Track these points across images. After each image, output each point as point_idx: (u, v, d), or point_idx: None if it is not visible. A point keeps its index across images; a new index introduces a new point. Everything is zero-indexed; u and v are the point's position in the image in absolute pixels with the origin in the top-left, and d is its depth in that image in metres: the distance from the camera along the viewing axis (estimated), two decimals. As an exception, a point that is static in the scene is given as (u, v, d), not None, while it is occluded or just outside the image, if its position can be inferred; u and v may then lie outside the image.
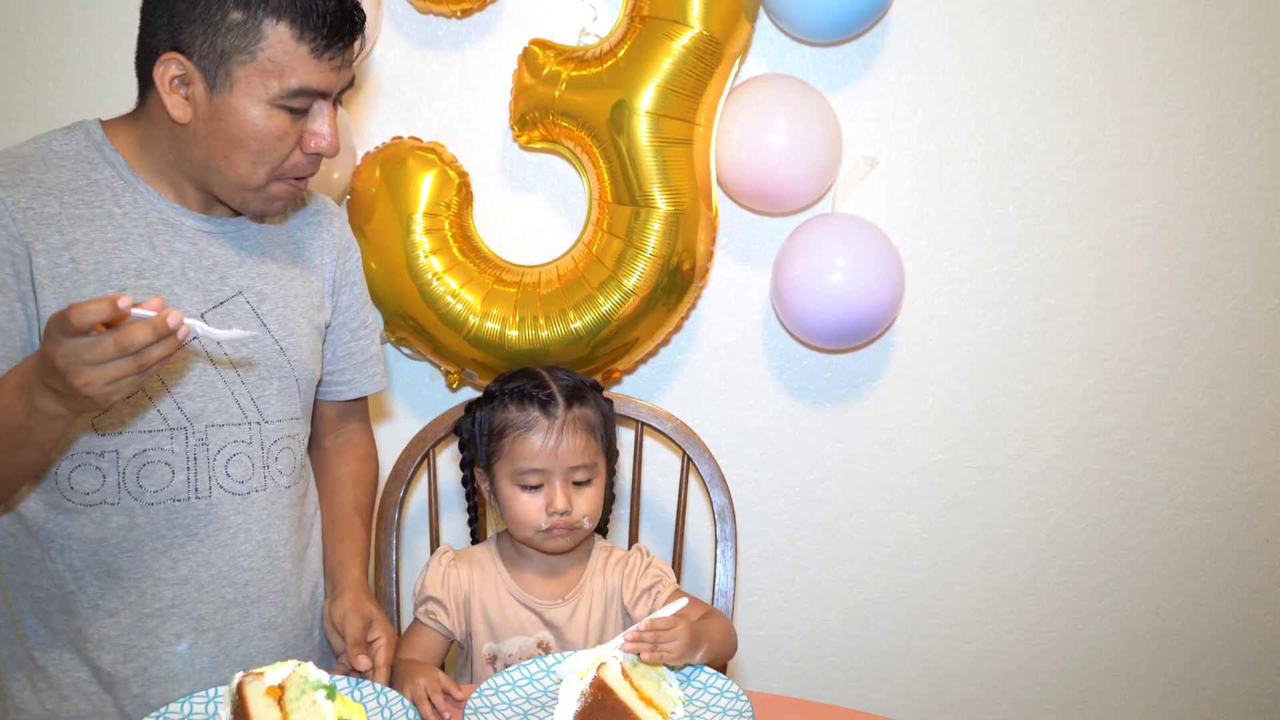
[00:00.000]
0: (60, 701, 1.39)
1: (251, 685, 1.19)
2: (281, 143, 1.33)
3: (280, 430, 1.47)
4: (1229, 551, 2.27)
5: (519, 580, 1.62)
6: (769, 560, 2.20)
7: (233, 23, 1.27)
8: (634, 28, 1.82)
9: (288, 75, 1.29)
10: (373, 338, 1.65)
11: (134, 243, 1.36)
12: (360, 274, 1.63)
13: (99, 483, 1.35)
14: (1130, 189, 2.11)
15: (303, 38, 1.29)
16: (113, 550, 1.37)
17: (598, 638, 1.61)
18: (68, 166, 1.35)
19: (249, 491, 1.43)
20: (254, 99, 1.30)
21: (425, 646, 1.58)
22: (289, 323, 1.47)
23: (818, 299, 1.92)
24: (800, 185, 1.94)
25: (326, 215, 1.59)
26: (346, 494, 1.62)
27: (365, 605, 1.46)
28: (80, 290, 1.31)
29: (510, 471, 1.58)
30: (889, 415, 2.16)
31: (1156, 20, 2.06)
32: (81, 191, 1.34)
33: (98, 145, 1.37)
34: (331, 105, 1.36)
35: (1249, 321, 2.18)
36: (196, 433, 1.39)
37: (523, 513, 1.57)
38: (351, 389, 1.64)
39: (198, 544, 1.40)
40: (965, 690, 2.28)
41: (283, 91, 1.30)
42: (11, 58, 1.94)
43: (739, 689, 1.36)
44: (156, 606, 1.39)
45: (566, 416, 1.58)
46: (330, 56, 1.31)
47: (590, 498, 1.59)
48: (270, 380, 1.45)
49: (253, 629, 1.45)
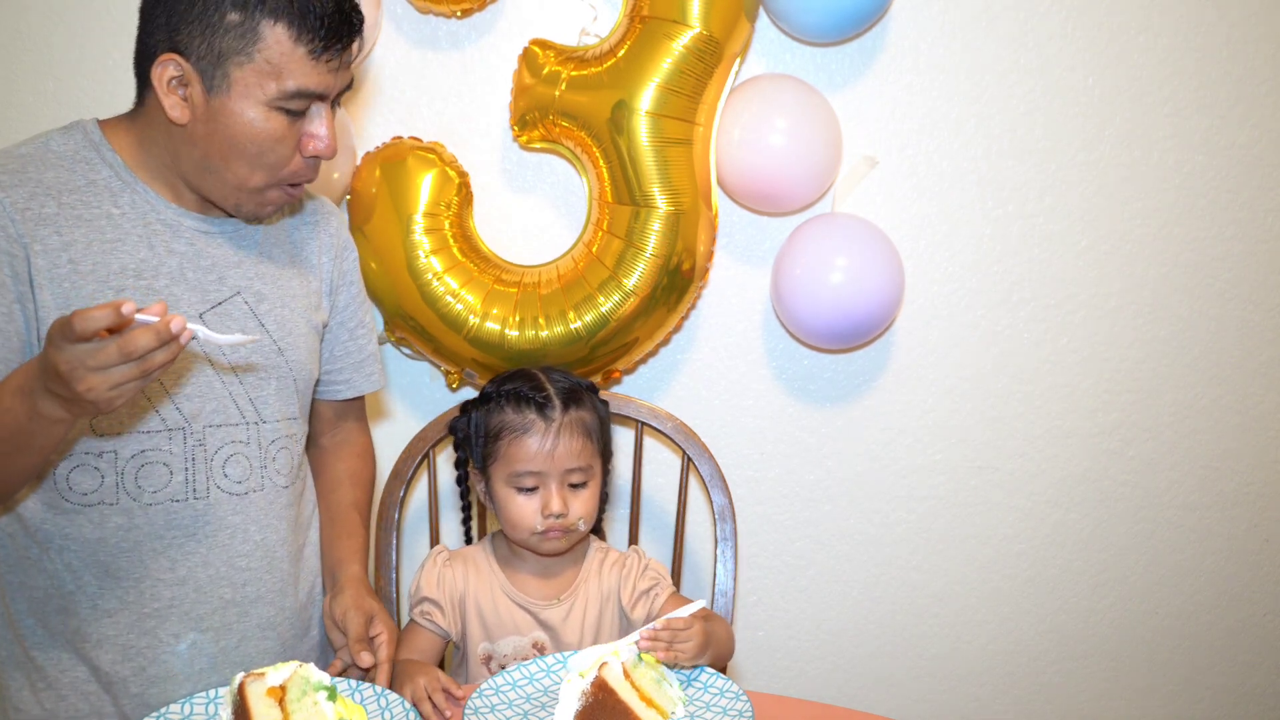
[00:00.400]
0: (58, 701, 1.39)
1: (253, 686, 1.19)
2: (279, 145, 1.32)
3: (278, 430, 1.47)
4: (1229, 551, 2.27)
5: (514, 580, 1.62)
6: (769, 560, 2.20)
7: (230, 24, 1.27)
8: (634, 28, 1.82)
9: (285, 77, 1.29)
10: (370, 337, 1.65)
11: (132, 243, 1.35)
12: (358, 274, 1.63)
13: (97, 483, 1.35)
14: (1130, 189, 2.11)
15: (300, 39, 1.28)
16: (111, 550, 1.37)
17: (593, 639, 1.61)
18: (65, 167, 1.35)
19: (247, 492, 1.43)
20: (251, 101, 1.29)
21: (422, 647, 1.58)
22: (287, 323, 1.47)
23: (818, 299, 1.92)
24: (800, 185, 1.94)
25: (324, 215, 1.58)
26: (344, 491, 1.62)
27: (366, 601, 1.46)
28: (79, 290, 1.31)
29: (506, 473, 1.58)
30: (889, 415, 2.16)
31: (1156, 20, 2.06)
32: (79, 192, 1.34)
33: (95, 145, 1.37)
34: (330, 107, 1.35)
35: (1249, 321, 2.18)
36: (194, 433, 1.39)
37: (518, 515, 1.57)
38: (349, 388, 1.64)
39: (196, 544, 1.40)
40: (965, 690, 2.29)
41: (280, 93, 1.29)
42: (11, 58, 1.94)
43: (739, 689, 1.36)
44: (155, 606, 1.39)
45: (563, 419, 1.58)
46: (328, 58, 1.31)
47: (586, 500, 1.59)
48: (268, 380, 1.45)
49: (251, 629, 1.45)
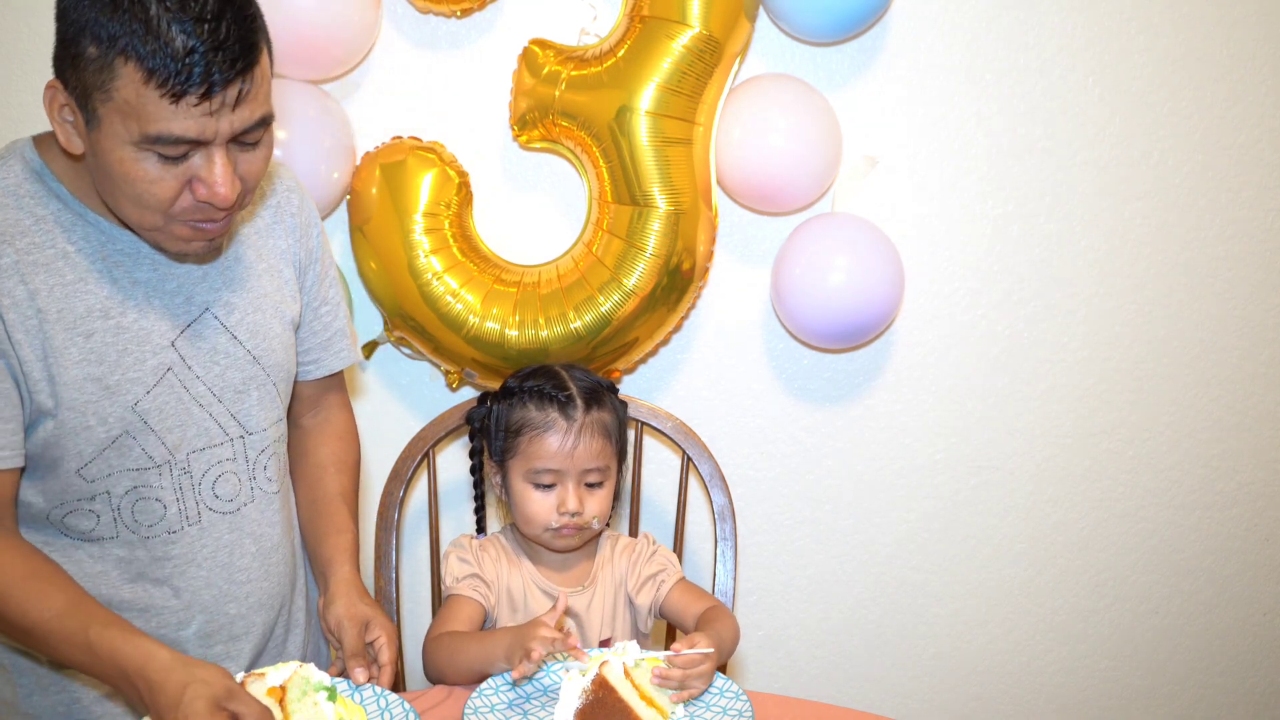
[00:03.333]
0: (72, 704, 1.38)
1: (253, 686, 1.19)
2: (156, 186, 1.18)
3: (265, 439, 1.44)
4: (1229, 551, 2.27)
5: (538, 568, 1.63)
6: (769, 560, 2.20)
7: (90, 58, 1.13)
8: (634, 27, 1.82)
9: (146, 121, 1.14)
10: (336, 313, 1.57)
11: (94, 281, 1.28)
12: (324, 249, 1.55)
13: (94, 523, 1.33)
14: (1130, 189, 2.11)
15: (151, 82, 1.12)
16: (114, 582, 1.35)
17: (611, 626, 1.62)
18: (11, 205, 1.25)
19: (238, 508, 1.41)
20: (118, 140, 1.16)
21: (469, 616, 1.55)
22: (260, 328, 1.41)
23: (818, 299, 1.92)
24: (800, 185, 1.94)
25: (283, 193, 1.48)
26: (330, 480, 1.57)
27: (358, 607, 1.41)
28: (50, 341, 1.25)
29: (524, 469, 1.58)
30: (889, 415, 2.16)
31: (1156, 20, 2.06)
32: (30, 233, 1.25)
33: (38, 175, 1.28)
34: (224, 150, 1.19)
35: (1249, 321, 2.18)
36: (179, 463, 1.35)
37: (534, 511, 1.58)
38: (320, 367, 1.58)
39: (196, 569, 1.39)
40: (965, 690, 2.29)
41: (142, 137, 1.15)
42: (11, 58, 1.94)
43: (739, 689, 1.36)
44: (161, 634, 1.37)
45: (584, 419, 1.58)
46: (194, 103, 1.13)
47: (601, 500, 1.60)
48: (247, 393, 1.41)
49: (256, 633, 1.45)
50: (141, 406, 1.31)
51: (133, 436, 1.31)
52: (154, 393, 1.32)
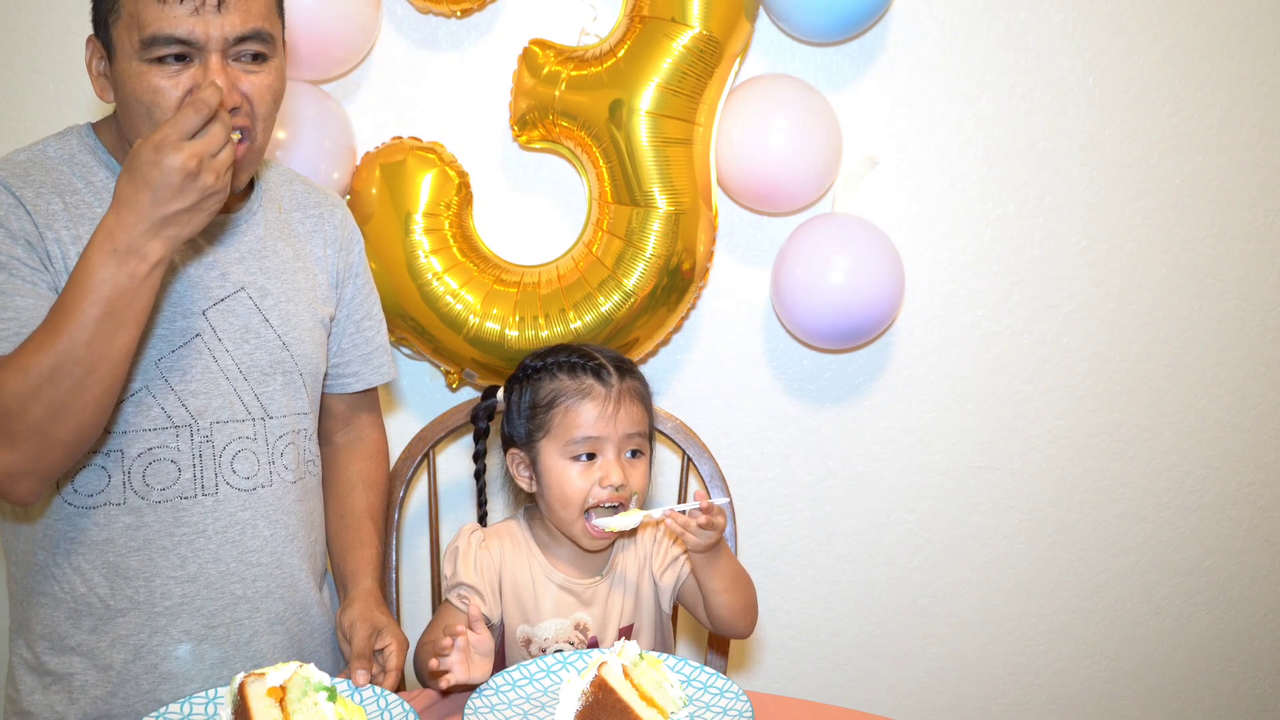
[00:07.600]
0: (69, 705, 1.39)
1: (253, 686, 1.19)
2: (161, 97, 1.26)
3: (285, 426, 1.46)
4: (1229, 551, 2.27)
5: (552, 562, 1.57)
6: (769, 560, 2.20)
7: None
8: (634, 27, 1.83)
9: (144, 25, 1.24)
10: (378, 329, 1.64)
11: None
12: (364, 266, 1.62)
13: (104, 483, 1.35)
14: (1130, 189, 2.11)
15: None
16: (120, 550, 1.37)
17: (634, 612, 1.58)
18: (64, 170, 1.36)
19: (255, 488, 1.43)
20: (127, 57, 1.27)
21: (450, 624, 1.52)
22: (292, 317, 1.47)
23: (818, 299, 1.92)
24: (800, 185, 1.94)
25: (328, 207, 1.58)
26: (358, 496, 1.61)
27: (373, 614, 1.43)
28: None
29: (562, 442, 1.51)
30: (889, 415, 2.16)
31: (1156, 20, 2.06)
32: (80, 194, 1.35)
33: (91, 149, 1.38)
34: (220, 57, 1.27)
35: (1249, 321, 2.18)
36: (201, 429, 1.39)
37: (574, 489, 1.50)
38: (358, 380, 1.63)
39: (205, 541, 1.40)
40: (965, 690, 2.29)
41: (142, 43, 1.25)
42: (11, 58, 1.94)
43: (739, 689, 1.36)
44: (166, 605, 1.39)
45: (621, 385, 1.53)
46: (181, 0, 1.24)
47: (643, 473, 1.54)
48: (273, 376, 1.45)
49: (261, 625, 1.45)
50: (165, 364, 1.36)
51: (152, 395, 1.35)
52: (179, 353, 1.36)
